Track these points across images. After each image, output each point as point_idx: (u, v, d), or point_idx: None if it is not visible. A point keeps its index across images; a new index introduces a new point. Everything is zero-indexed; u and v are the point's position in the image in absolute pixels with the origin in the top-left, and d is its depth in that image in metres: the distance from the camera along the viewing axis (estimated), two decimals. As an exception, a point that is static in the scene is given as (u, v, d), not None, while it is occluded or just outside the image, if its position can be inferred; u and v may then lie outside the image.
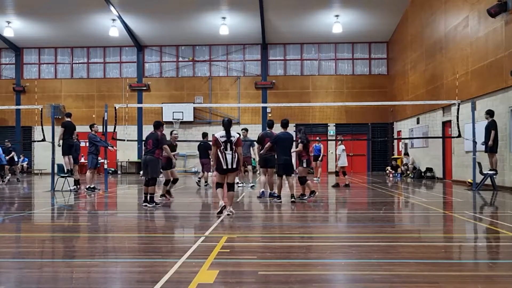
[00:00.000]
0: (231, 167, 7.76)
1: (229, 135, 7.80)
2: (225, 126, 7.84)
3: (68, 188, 12.90)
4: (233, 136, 7.86)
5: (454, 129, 14.53)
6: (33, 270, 4.42)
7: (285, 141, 9.98)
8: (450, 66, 16.77)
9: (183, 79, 26.17)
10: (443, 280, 3.95)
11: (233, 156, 7.75)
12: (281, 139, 9.96)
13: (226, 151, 7.74)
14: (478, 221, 7.59)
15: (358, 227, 6.88)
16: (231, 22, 23.29)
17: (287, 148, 9.98)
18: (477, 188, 12.70)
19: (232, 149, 7.77)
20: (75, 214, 8.73)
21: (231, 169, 7.78)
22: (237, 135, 7.96)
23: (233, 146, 7.78)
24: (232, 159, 7.73)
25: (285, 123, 10.27)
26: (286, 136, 10.03)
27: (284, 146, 9.92)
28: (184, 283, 3.86)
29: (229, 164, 7.73)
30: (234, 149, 7.79)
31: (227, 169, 7.75)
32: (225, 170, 7.77)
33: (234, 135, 7.89)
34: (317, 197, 10.51)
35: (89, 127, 13.39)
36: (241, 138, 8.47)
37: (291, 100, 24.11)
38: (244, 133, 13.91)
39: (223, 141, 7.77)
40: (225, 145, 7.75)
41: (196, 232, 6.33)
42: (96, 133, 13.34)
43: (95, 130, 13.31)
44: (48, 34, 25.06)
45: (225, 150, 7.75)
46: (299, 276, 4.09)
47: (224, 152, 7.73)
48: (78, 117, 22.99)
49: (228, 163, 7.73)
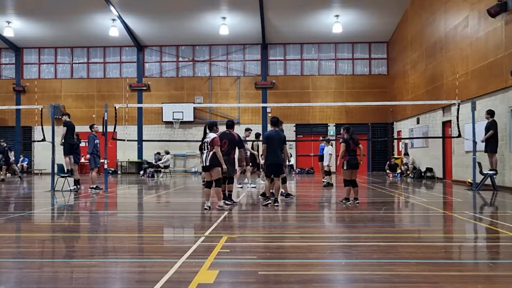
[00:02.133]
0: (205, 165, 8.59)
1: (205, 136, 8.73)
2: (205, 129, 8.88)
3: (68, 188, 12.90)
4: (209, 137, 8.66)
5: (454, 129, 14.53)
6: (33, 270, 4.42)
7: (275, 140, 9.37)
8: (450, 66, 16.77)
9: (183, 79, 26.18)
10: (443, 280, 3.95)
11: (207, 155, 8.53)
12: (271, 137, 9.39)
13: (205, 151, 8.64)
14: (478, 221, 7.59)
15: (358, 227, 6.87)
16: (231, 22, 23.29)
17: (277, 148, 9.34)
18: (477, 188, 12.70)
19: (207, 149, 8.57)
20: (75, 214, 8.73)
21: (204, 167, 8.65)
22: (213, 135, 8.63)
23: (208, 146, 8.57)
24: (205, 157, 8.56)
25: (274, 121, 9.61)
26: (276, 135, 9.45)
27: (273, 146, 9.31)
28: (184, 283, 3.86)
29: (203, 162, 8.63)
30: (210, 148, 8.53)
31: (203, 166, 8.67)
32: (203, 167, 8.76)
33: (210, 135, 8.66)
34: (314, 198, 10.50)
35: (89, 128, 13.42)
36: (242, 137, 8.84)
37: (291, 100, 24.12)
38: (246, 134, 13.97)
39: (205, 141, 8.70)
40: (206, 145, 8.64)
41: (196, 232, 6.33)
42: (96, 133, 13.39)
43: (95, 131, 13.34)
44: (48, 34, 25.06)
45: (204, 150, 8.65)
46: (299, 276, 4.09)
47: (203, 152, 8.70)
48: (78, 117, 23.06)
49: (203, 161, 8.63)
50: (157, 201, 11.26)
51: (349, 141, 9.43)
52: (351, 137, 9.47)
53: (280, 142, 9.43)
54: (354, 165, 9.44)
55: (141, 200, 11.55)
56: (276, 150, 9.31)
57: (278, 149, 9.34)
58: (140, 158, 25.80)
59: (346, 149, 9.37)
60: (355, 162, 9.44)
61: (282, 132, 10.03)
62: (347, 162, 9.41)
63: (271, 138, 9.37)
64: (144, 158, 25.50)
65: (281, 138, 9.48)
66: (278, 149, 9.34)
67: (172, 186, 15.72)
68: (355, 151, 9.51)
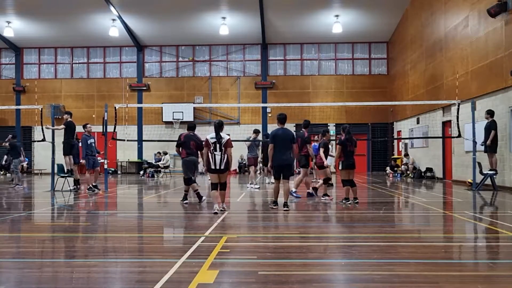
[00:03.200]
0: (219, 168, 8.09)
1: (219, 136, 8.11)
2: (215, 128, 8.19)
3: (68, 188, 12.90)
4: (223, 137, 8.14)
5: (454, 129, 14.53)
6: (33, 270, 4.42)
7: (282, 139, 8.65)
8: (450, 66, 16.77)
9: (183, 79, 26.18)
10: (443, 280, 3.95)
11: (221, 157, 8.06)
12: (277, 136, 8.68)
13: (216, 152, 8.08)
14: (478, 221, 7.59)
15: (358, 227, 6.88)
16: (231, 22, 23.29)
17: (285, 147, 8.62)
18: (477, 188, 12.70)
19: (221, 150, 8.07)
20: (75, 214, 8.73)
21: (219, 170, 8.12)
22: (227, 136, 8.20)
23: (222, 147, 8.09)
24: (220, 160, 8.06)
25: (281, 118, 8.84)
26: (284, 133, 8.70)
27: (281, 145, 8.62)
28: (184, 283, 3.86)
29: (217, 165, 8.08)
30: (224, 150, 8.09)
31: (215, 169, 8.10)
32: (213, 170, 8.12)
33: (224, 136, 8.16)
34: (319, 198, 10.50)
35: (82, 127, 13.27)
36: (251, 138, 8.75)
37: (291, 100, 24.11)
38: (254, 135, 14.06)
39: (213, 142, 8.12)
40: (214, 146, 8.09)
41: (196, 232, 6.33)
42: (90, 133, 13.24)
43: (88, 131, 13.20)
44: (48, 34, 25.06)
45: (214, 151, 8.09)
46: (299, 276, 4.09)
47: (214, 153, 8.09)
48: (78, 117, 22.98)
49: (216, 164, 8.07)
50: (157, 201, 11.26)
51: (346, 142, 9.46)
52: (349, 138, 9.50)
53: (288, 141, 8.68)
54: (350, 165, 9.50)
55: (141, 200, 11.55)
56: (283, 149, 8.60)
57: (286, 148, 8.62)
58: (140, 158, 25.80)
59: (342, 150, 9.43)
60: (352, 162, 9.50)
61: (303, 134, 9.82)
62: (343, 162, 9.47)
63: (277, 137, 8.66)
64: (144, 158, 25.50)
65: (288, 137, 8.71)
66: (286, 148, 8.62)
67: (172, 186, 15.73)
68: (353, 152, 9.55)
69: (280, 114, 8.88)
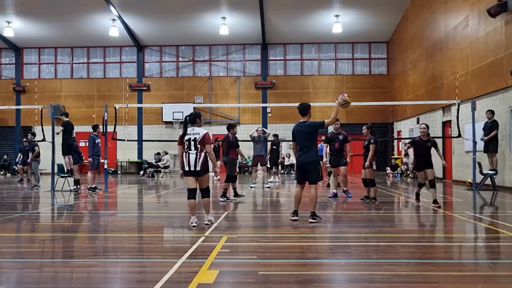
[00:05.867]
0: (194, 169, 6.52)
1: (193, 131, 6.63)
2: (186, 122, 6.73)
3: (68, 188, 12.89)
4: (198, 133, 6.60)
5: (454, 129, 14.53)
6: (33, 270, 4.42)
7: (302, 134, 7.10)
8: (450, 66, 16.77)
9: (183, 79, 26.17)
10: (443, 280, 3.95)
11: (197, 157, 6.51)
12: (296, 132, 7.20)
13: (190, 151, 6.57)
14: (478, 221, 7.58)
15: (358, 227, 6.87)
16: (231, 22, 23.29)
17: (308, 144, 7.06)
18: (477, 188, 12.70)
19: (196, 148, 6.54)
20: (75, 214, 8.73)
21: (194, 172, 6.54)
22: (203, 131, 6.64)
23: (198, 145, 6.54)
24: (195, 160, 6.50)
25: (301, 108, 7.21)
26: (303, 128, 7.12)
27: (301, 142, 7.12)
28: (184, 283, 3.86)
29: (191, 166, 6.51)
30: (199, 148, 6.55)
31: (189, 171, 6.55)
32: (187, 172, 6.58)
33: (199, 131, 6.62)
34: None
35: (92, 128, 13.27)
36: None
37: (291, 100, 24.07)
38: (259, 133, 14.12)
39: (186, 140, 6.62)
40: (188, 144, 6.60)
41: (196, 232, 6.33)
42: (98, 133, 13.27)
43: (98, 131, 13.24)
44: (48, 34, 25.06)
45: (189, 150, 6.58)
46: (299, 276, 4.09)
47: (188, 152, 6.58)
48: (78, 117, 23.08)
49: (190, 165, 6.52)
50: (157, 201, 11.26)
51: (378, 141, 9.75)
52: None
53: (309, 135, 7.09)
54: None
55: (141, 200, 11.55)
56: (305, 146, 7.06)
57: (308, 145, 7.06)
58: (140, 158, 25.80)
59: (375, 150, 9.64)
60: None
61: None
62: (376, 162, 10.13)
63: (296, 133, 7.21)
64: (144, 158, 25.49)
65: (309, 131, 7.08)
66: (308, 145, 7.06)
67: (172, 186, 15.73)
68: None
69: (301, 104, 7.32)
